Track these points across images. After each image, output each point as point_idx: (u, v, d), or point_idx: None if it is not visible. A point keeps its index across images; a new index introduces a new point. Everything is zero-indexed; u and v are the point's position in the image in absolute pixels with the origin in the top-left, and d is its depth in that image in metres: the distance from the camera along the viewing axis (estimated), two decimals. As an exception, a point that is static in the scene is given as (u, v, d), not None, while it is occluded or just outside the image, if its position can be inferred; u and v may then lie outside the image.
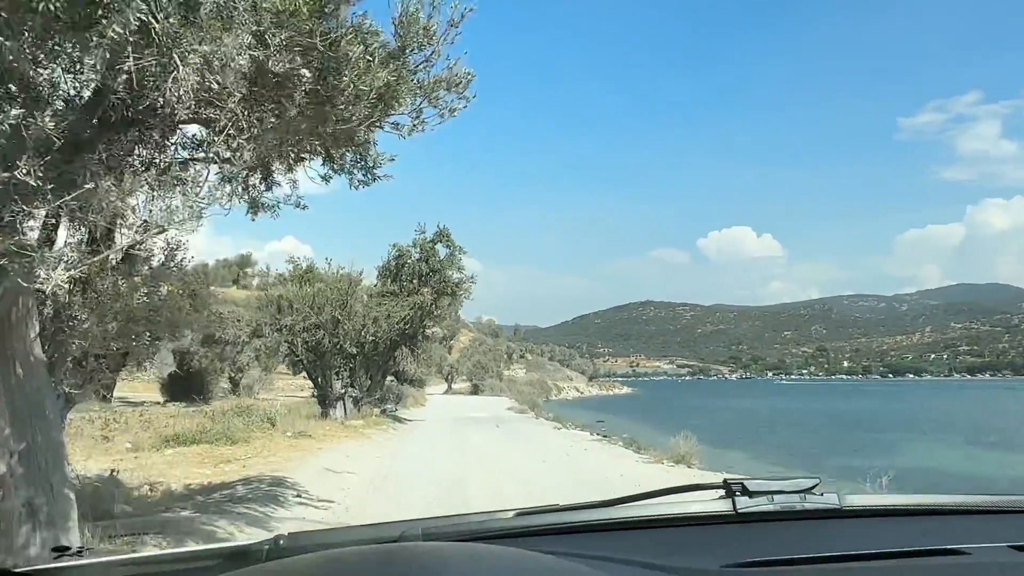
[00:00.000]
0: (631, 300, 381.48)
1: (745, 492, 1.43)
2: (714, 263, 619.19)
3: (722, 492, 1.47)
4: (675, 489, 1.53)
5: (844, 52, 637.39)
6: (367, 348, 25.25)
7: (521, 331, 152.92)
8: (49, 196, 2.93)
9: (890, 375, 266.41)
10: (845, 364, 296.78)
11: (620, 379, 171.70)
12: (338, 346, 24.45)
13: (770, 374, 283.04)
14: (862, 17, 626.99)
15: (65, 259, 2.85)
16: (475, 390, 64.51)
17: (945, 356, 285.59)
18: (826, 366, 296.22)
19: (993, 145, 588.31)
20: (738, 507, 1.42)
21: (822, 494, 1.45)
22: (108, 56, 2.85)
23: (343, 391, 25.40)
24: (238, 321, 23.52)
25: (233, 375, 47.62)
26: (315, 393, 26.06)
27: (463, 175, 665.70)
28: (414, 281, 25.67)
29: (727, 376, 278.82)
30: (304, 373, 27.60)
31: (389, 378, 54.01)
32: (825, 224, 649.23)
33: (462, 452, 15.88)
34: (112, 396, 30.35)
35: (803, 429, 45.86)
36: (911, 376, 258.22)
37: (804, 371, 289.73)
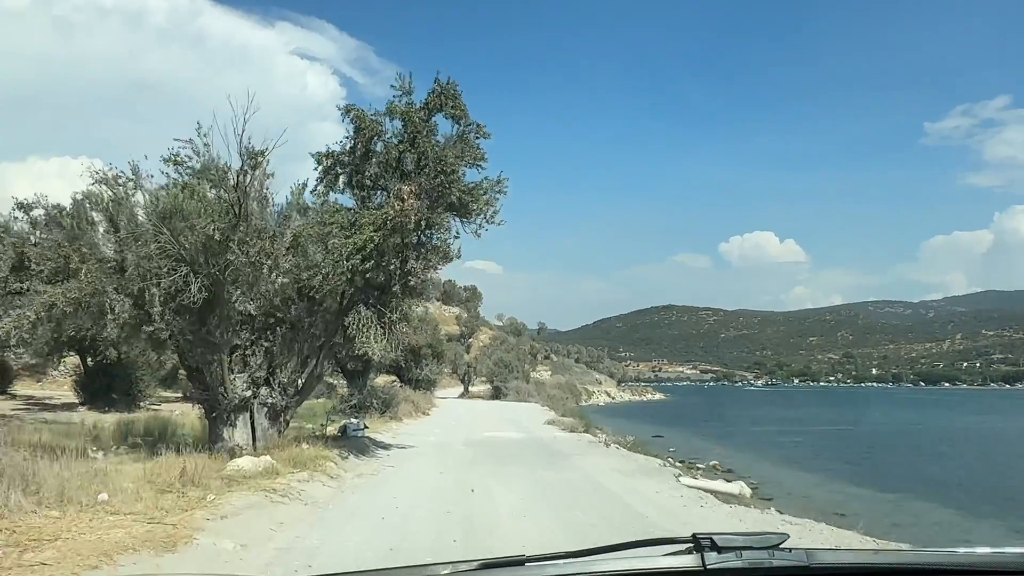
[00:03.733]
0: (652, 304, 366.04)
1: (714, 547, 1.35)
2: (736, 268, 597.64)
3: (691, 546, 1.38)
4: (644, 542, 1.46)
5: (869, 56, 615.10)
6: (291, 308, 12.43)
7: (546, 331, 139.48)
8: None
9: (921, 383, 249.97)
10: (874, 371, 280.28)
11: (648, 384, 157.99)
12: (232, 304, 11.67)
13: (796, 380, 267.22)
14: (888, 21, 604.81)
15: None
16: (496, 393, 51.51)
17: (978, 364, 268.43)
18: (854, 373, 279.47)
19: (1022, 151, 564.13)
20: (707, 563, 1.34)
21: (791, 550, 1.38)
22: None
23: (249, 394, 12.60)
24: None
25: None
26: (201, 398, 13.23)
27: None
28: (391, 180, 12.76)
29: (752, 382, 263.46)
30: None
31: (392, 378, 41.26)
32: (849, 230, 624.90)
33: None
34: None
35: (954, 459, 32.40)
36: (946, 384, 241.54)
37: (832, 378, 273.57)
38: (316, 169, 12.78)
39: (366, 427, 16.57)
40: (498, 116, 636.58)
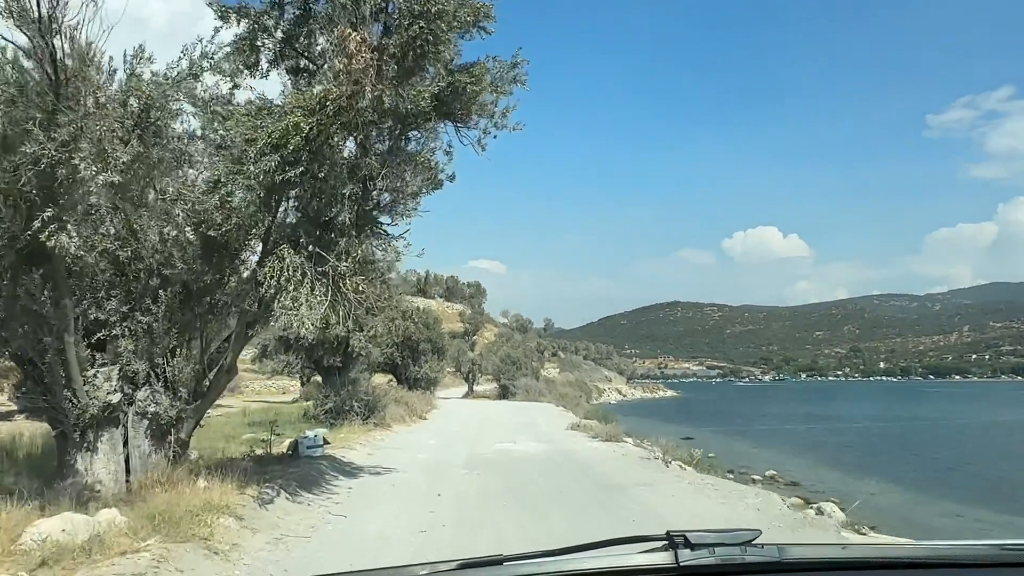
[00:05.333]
0: (657, 301, 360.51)
1: (687, 544, 1.33)
2: (739, 263, 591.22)
3: (665, 543, 1.36)
4: (618, 540, 1.43)
5: (871, 49, 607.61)
6: (181, 259, 7.36)
7: (552, 327, 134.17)
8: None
9: (931, 376, 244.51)
10: (881, 365, 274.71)
11: (656, 380, 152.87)
12: (53, 246, 6.52)
13: (803, 375, 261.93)
14: (890, 13, 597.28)
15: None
16: (504, 392, 46.41)
17: (987, 357, 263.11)
18: (862, 367, 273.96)
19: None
20: (680, 560, 1.31)
21: (763, 546, 1.34)
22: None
23: (117, 398, 7.53)
24: None
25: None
26: (37, 404, 8.19)
27: (485, 177, 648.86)
28: (347, 38, 7.54)
29: (760, 377, 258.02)
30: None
31: (388, 377, 36.25)
32: (853, 223, 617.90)
33: None
34: None
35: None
36: (956, 377, 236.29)
37: (839, 372, 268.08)
38: (218, 30, 7.66)
39: (326, 442, 11.48)
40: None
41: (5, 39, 5.73)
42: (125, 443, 8.11)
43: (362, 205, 7.52)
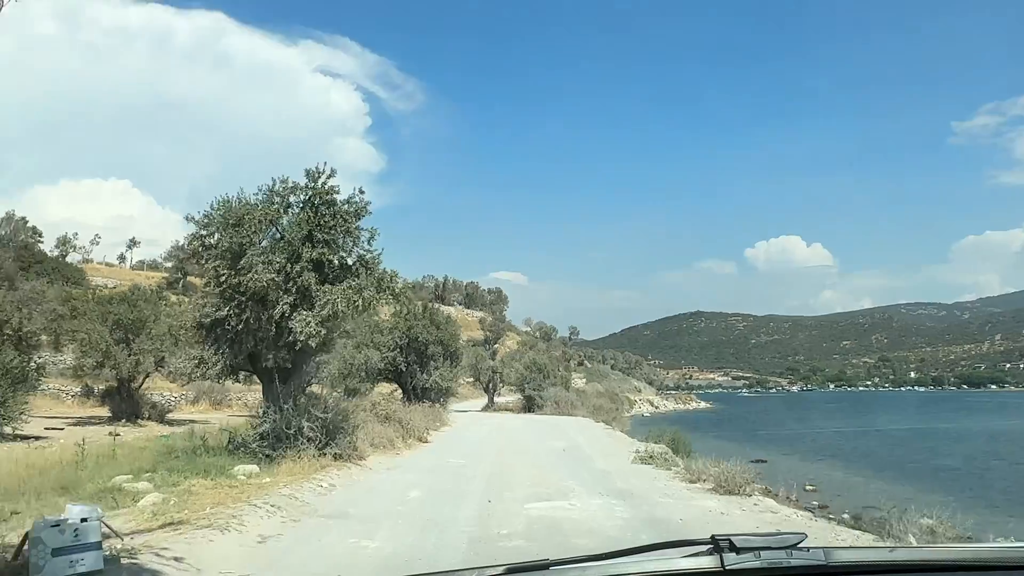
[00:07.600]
0: (680, 311, 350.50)
1: (732, 548, 1.30)
2: (762, 273, 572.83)
3: (710, 547, 1.33)
4: (663, 544, 1.41)
5: (894, 56, 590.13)
6: None
7: (577, 335, 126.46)
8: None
9: (964, 386, 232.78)
10: (912, 375, 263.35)
11: (686, 391, 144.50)
12: None
13: (831, 386, 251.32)
14: (912, 19, 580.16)
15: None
16: (529, 404, 39.27)
17: (1021, 366, 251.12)
18: (891, 377, 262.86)
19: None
20: (726, 564, 1.29)
21: (808, 549, 1.31)
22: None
23: None
24: None
25: (122, 374, 22.70)
26: None
27: (504, 189, 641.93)
28: None
29: (786, 388, 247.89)
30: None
31: (392, 387, 29.71)
32: (877, 232, 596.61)
33: None
34: None
35: None
36: (992, 387, 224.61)
37: (868, 382, 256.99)
38: None
39: (114, 534, 4.47)
40: (517, 124, 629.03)
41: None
42: None
43: None
